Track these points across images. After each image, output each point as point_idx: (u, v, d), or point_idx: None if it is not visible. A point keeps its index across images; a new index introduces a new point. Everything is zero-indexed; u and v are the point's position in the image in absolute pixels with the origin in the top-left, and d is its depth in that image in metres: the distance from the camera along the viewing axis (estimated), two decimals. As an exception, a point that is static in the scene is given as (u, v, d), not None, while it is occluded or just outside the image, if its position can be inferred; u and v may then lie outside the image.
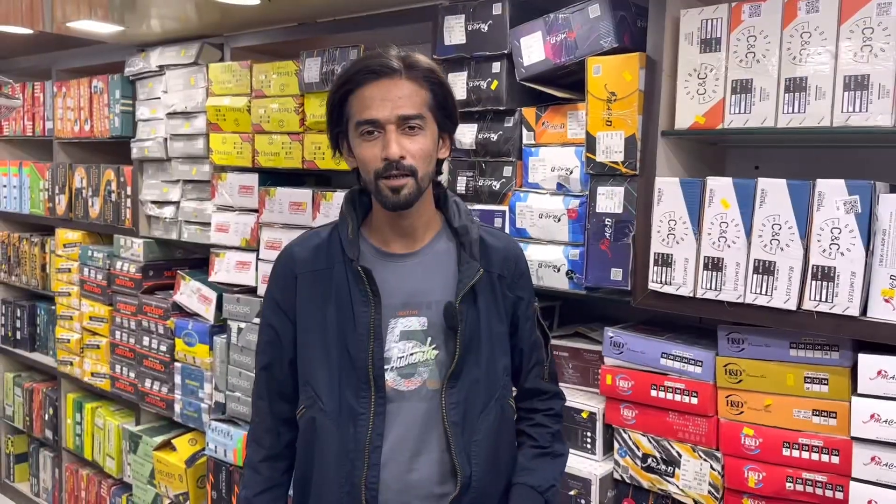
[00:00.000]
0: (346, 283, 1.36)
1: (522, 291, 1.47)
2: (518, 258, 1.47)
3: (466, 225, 1.40)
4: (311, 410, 1.39)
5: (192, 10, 2.37)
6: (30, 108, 3.58)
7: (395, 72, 1.29)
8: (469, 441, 1.36)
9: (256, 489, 1.46)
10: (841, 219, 1.42)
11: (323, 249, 1.41)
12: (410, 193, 1.30)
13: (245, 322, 2.44)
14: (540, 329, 1.49)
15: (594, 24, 1.71)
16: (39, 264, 3.61)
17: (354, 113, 1.30)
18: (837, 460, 1.50)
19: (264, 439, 1.47)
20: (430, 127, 1.32)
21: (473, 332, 1.37)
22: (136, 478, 2.93)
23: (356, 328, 1.34)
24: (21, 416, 3.77)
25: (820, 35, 1.45)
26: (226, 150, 2.50)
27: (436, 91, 1.33)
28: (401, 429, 1.35)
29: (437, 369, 1.36)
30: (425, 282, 1.38)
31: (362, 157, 1.31)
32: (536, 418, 1.50)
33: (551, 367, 1.52)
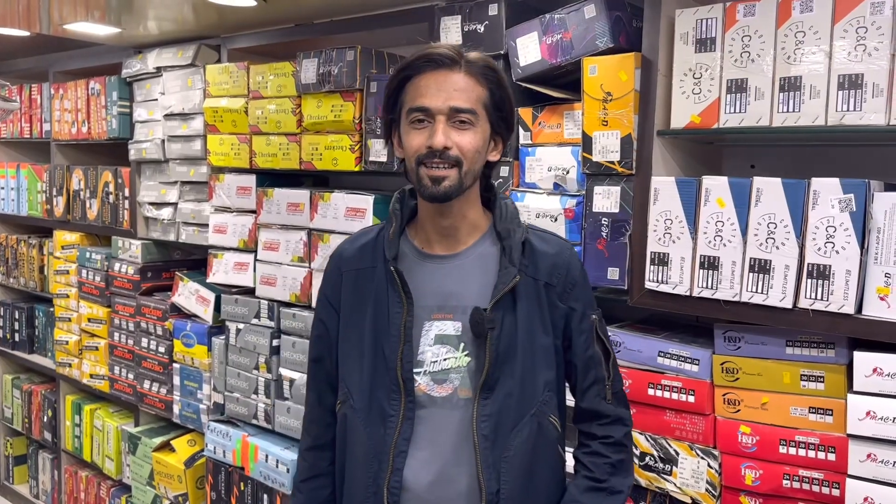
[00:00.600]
0: (385, 283, 1.35)
1: (575, 302, 1.37)
2: (571, 266, 1.38)
3: (509, 228, 1.35)
4: (344, 407, 1.39)
5: (189, 11, 2.37)
6: (27, 109, 3.58)
7: (454, 63, 1.27)
8: (499, 457, 1.30)
9: (302, 476, 1.50)
10: (836, 217, 1.43)
11: (369, 248, 1.40)
12: (451, 186, 1.26)
13: (243, 323, 2.44)
14: (600, 344, 1.38)
15: (590, 24, 1.72)
16: (37, 266, 3.61)
17: (408, 100, 1.29)
18: (834, 457, 1.50)
19: (311, 428, 1.50)
20: (481, 125, 1.29)
21: (509, 342, 1.31)
22: (135, 479, 2.93)
23: (389, 329, 1.33)
24: (20, 418, 3.77)
25: (814, 34, 1.46)
26: (223, 152, 2.50)
27: (493, 90, 1.30)
28: (430, 435, 1.32)
29: (468, 377, 1.32)
30: (462, 285, 1.34)
31: (408, 144, 1.29)
32: (593, 446, 1.38)
33: (615, 388, 1.39)
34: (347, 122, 2.14)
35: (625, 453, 1.39)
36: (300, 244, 2.28)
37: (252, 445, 2.39)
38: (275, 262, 2.36)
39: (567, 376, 1.42)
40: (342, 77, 2.12)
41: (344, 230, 2.16)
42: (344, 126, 2.16)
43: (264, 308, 2.39)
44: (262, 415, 2.39)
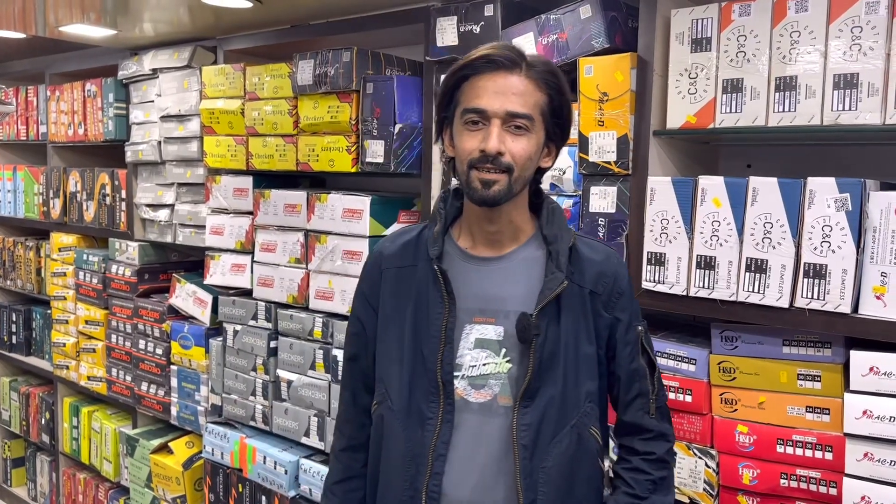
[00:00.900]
0: (426, 283, 1.32)
1: (621, 312, 1.34)
2: (618, 275, 1.35)
3: (557, 233, 1.31)
4: (381, 407, 1.37)
5: (185, 13, 2.37)
6: (24, 112, 3.58)
7: (515, 66, 1.24)
8: (537, 467, 1.27)
9: (335, 477, 1.47)
10: (832, 216, 1.43)
11: (411, 246, 1.38)
12: (500, 191, 1.23)
13: (241, 324, 2.44)
14: (645, 357, 1.35)
15: (585, 24, 1.72)
16: (35, 268, 3.61)
17: (463, 100, 1.25)
18: (831, 457, 1.50)
19: (345, 428, 1.48)
20: (537, 131, 1.26)
21: (553, 350, 1.28)
22: (133, 481, 2.93)
23: (430, 330, 1.30)
24: (18, 421, 3.77)
25: (809, 34, 1.46)
26: (220, 153, 2.50)
27: (553, 96, 1.26)
28: (468, 441, 1.29)
29: (508, 384, 1.29)
30: (506, 289, 1.31)
31: (461, 145, 1.26)
32: (634, 461, 1.35)
33: (659, 402, 1.36)
34: (344, 123, 2.14)
35: (667, 470, 1.36)
36: (297, 245, 2.28)
37: (250, 447, 2.39)
38: (272, 263, 2.36)
39: (609, 388, 1.38)
40: (338, 78, 2.12)
41: (341, 231, 2.16)
42: (340, 127, 2.16)
43: (261, 310, 2.38)
44: (259, 416, 2.39)
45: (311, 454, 2.31)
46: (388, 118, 2.05)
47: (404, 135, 2.05)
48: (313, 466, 2.23)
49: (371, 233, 2.11)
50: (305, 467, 2.25)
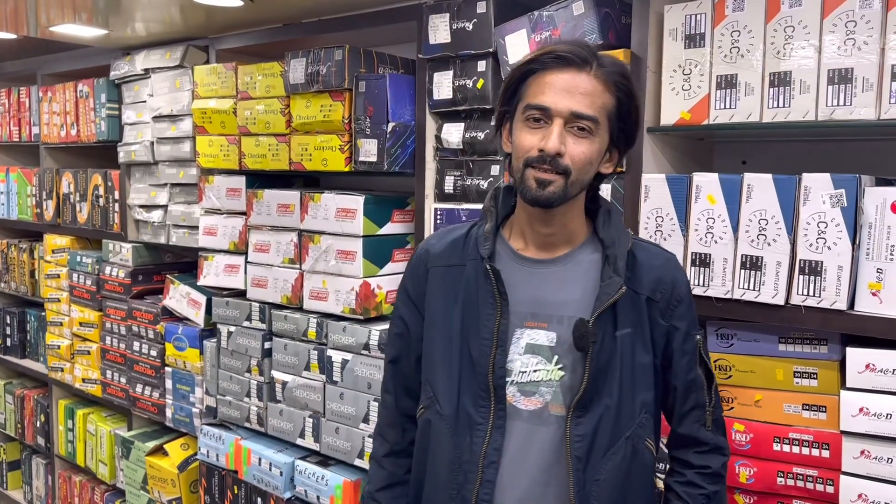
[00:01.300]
0: (476, 283, 1.28)
1: (679, 321, 1.29)
2: (676, 281, 1.29)
3: (614, 236, 1.26)
4: (428, 412, 1.33)
5: (177, 12, 2.36)
6: (16, 113, 3.56)
7: (585, 64, 1.19)
8: (590, 480, 1.23)
9: (378, 484, 1.44)
10: (827, 213, 1.42)
11: (459, 245, 1.34)
12: (555, 193, 1.19)
13: (235, 325, 2.43)
14: (703, 367, 1.30)
15: (578, 21, 1.71)
16: (28, 270, 3.59)
17: (527, 95, 1.21)
18: (828, 454, 1.50)
19: (388, 434, 1.44)
20: (600, 135, 1.21)
21: (608, 358, 1.23)
22: (128, 483, 2.91)
23: (480, 332, 1.26)
24: (13, 424, 3.75)
25: (803, 29, 1.45)
26: (212, 153, 2.49)
27: (622, 100, 1.22)
28: (519, 450, 1.25)
29: (560, 393, 1.24)
30: (559, 293, 1.26)
31: (519, 142, 1.21)
32: (688, 475, 1.32)
33: (716, 414, 1.32)
34: (337, 121, 2.13)
35: (721, 485, 1.33)
36: (291, 245, 2.27)
37: (245, 449, 2.38)
38: (266, 263, 2.35)
39: (664, 398, 1.34)
40: (331, 76, 2.10)
41: (335, 231, 2.15)
42: (333, 126, 2.15)
43: (256, 310, 2.37)
44: (254, 418, 2.38)
45: (306, 455, 2.29)
46: (380, 117, 2.03)
47: (397, 133, 2.03)
48: (309, 468, 2.22)
49: (365, 232, 2.09)
50: (301, 469, 2.24)
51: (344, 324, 2.13)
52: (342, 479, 2.14)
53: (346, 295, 2.12)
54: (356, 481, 2.14)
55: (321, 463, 2.24)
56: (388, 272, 2.16)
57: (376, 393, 2.05)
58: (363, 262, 2.09)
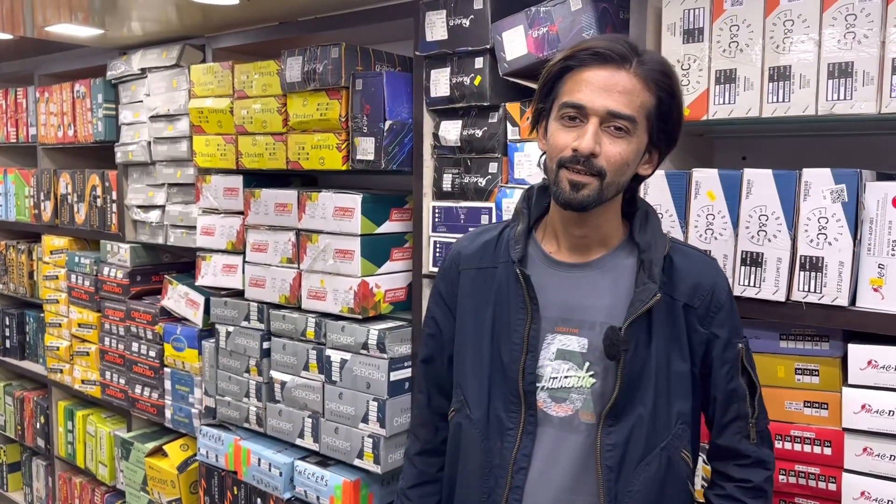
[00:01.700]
0: (507, 286, 1.25)
1: (720, 328, 1.24)
2: (716, 287, 1.25)
3: (651, 240, 1.22)
4: (459, 415, 1.32)
5: (173, 11, 2.35)
6: (13, 114, 3.55)
7: (625, 62, 1.14)
8: (623, 491, 1.20)
9: (410, 482, 1.44)
10: (828, 208, 1.40)
11: (491, 247, 1.31)
12: (589, 196, 1.15)
13: (233, 326, 2.42)
14: (745, 376, 1.26)
15: (576, 16, 1.69)
16: (27, 272, 3.58)
17: (563, 92, 1.17)
18: (830, 452, 1.48)
19: (420, 432, 1.44)
20: (638, 135, 1.17)
21: (641, 366, 1.20)
22: (128, 485, 2.91)
23: (511, 336, 1.24)
24: (13, 425, 3.74)
25: (803, 23, 1.43)
26: (209, 153, 2.47)
27: (663, 99, 1.17)
28: (548, 456, 1.23)
29: (591, 400, 1.21)
30: (592, 298, 1.23)
31: (553, 141, 1.17)
32: (728, 488, 1.27)
33: (760, 425, 1.27)
34: (333, 120, 2.11)
35: (763, 500, 1.27)
36: (289, 245, 2.26)
37: (244, 449, 2.37)
38: (263, 263, 2.34)
39: (704, 408, 1.30)
40: (327, 75, 2.09)
41: (333, 230, 2.14)
42: (330, 125, 2.13)
43: (254, 310, 2.36)
44: (253, 418, 2.37)
45: (305, 456, 2.28)
46: (377, 115, 2.02)
47: (395, 131, 2.02)
48: (308, 468, 2.21)
49: (363, 231, 2.08)
50: (300, 469, 2.23)
51: (342, 323, 2.12)
52: (342, 479, 2.13)
53: (344, 294, 2.11)
54: (356, 481, 2.13)
55: (321, 463, 2.23)
56: (387, 271, 2.15)
57: (375, 393, 2.04)
58: (361, 261, 2.08)
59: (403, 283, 2.20)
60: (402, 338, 2.06)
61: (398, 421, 2.05)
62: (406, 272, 2.19)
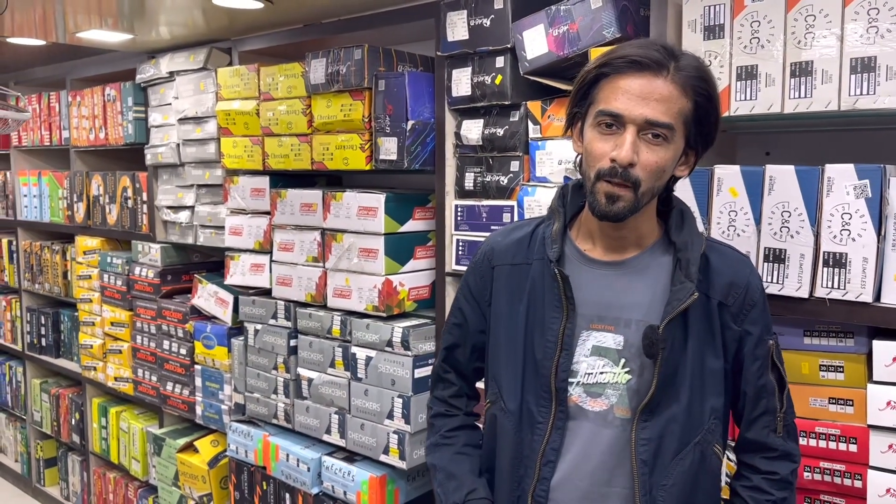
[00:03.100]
0: (542, 284, 1.27)
1: (752, 326, 1.26)
2: (750, 286, 1.26)
3: (687, 240, 1.23)
4: (494, 407, 1.35)
5: (200, 15, 2.39)
6: (46, 117, 3.63)
7: (662, 69, 1.14)
8: (657, 485, 1.22)
9: (451, 426, 1.46)
10: (851, 204, 1.39)
11: (525, 243, 1.33)
12: (625, 207, 1.16)
13: (261, 324, 2.46)
14: (775, 372, 1.27)
15: (596, 14, 1.70)
16: (61, 272, 3.67)
17: (600, 99, 1.17)
18: (855, 449, 1.47)
19: (456, 401, 1.48)
20: (676, 141, 1.17)
21: (677, 364, 1.21)
22: (161, 480, 2.97)
23: (545, 334, 1.26)
24: (49, 422, 3.84)
25: (825, 18, 1.43)
26: (237, 154, 2.52)
27: (700, 104, 1.17)
28: (581, 450, 1.25)
29: (626, 396, 1.23)
30: (628, 296, 1.24)
31: (591, 149, 1.18)
32: (755, 480, 1.29)
33: (787, 420, 1.28)
34: (357, 120, 2.14)
35: (789, 491, 1.29)
36: (314, 244, 2.29)
37: (273, 445, 2.41)
38: (290, 262, 2.37)
39: (733, 403, 1.32)
40: (350, 76, 2.12)
41: (357, 229, 2.16)
42: (354, 125, 2.16)
43: (281, 308, 2.40)
44: (282, 414, 2.41)
45: (332, 451, 2.32)
46: (400, 115, 2.04)
47: (417, 131, 2.04)
48: (335, 464, 2.24)
49: (386, 230, 2.11)
50: (328, 464, 2.27)
51: (367, 321, 2.14)
52: (368, 474, 2.16)
53: (368, 292, 2.14)
54: (382, 477, 2.16)
55: (347, 459, 2.26)
56: (410, 269, 2.17)
57: (400, 389, 2.07)
58: (385, 259, 2.10)
59: (427, 282, 2.22)
60: (426, 335, 2.08)
61: (422, 417, 2.07)
62: (429, 270, 2.21)
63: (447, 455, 1.43)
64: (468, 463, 1.41)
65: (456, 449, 1.43)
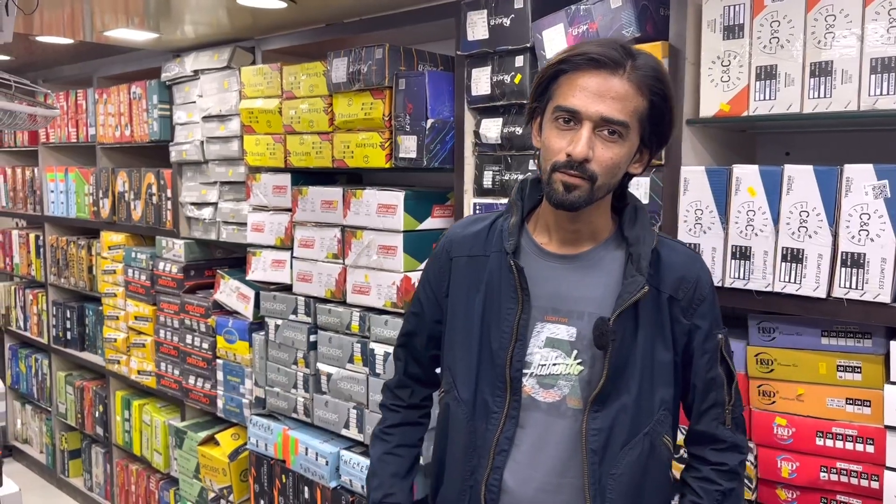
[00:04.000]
0: (499, 276, 1.30)
1: (701, 320, 1.29)
2: (700, 280, 1.30)
3: (639, 235, 1.26)
4: (447, 396, 1.38)
5: (224, 15, 2.42)
6: (73, 115, 3.70)
7: (619, 67, 1.17)
8: (606, 474, 1.25)
9: (391, 422, 1.53)
10: (870, 204, 1.39)
11: (483, 236, 1.36)
12: (581, 197, 1.19)
13: (282, 319, 2.49)
14: (724, 366, 1.31)
15: (616, 14, 1.70)
16: (86, 266, 3.73)
17: (558, 95, 1.20)
18: (872, 449, 1.47)
19: (398, 392, 1.55)
20: (631, 138, 1.20)
21: (627, 356, 1.25)
22: (182, 472, 3.01)
23: (500, 324, 1.29)
24: (73, 414, 3.91)
25: (845, 18, 1.42)
26: (259, 152, 2.55)
27: (656, 103, 1.20)
28: (534, 440, 1.28)
29: (578, 387, 1.26)
30: (581, 289, 1.27)
31: (548, 143, 1.21)
32: (704, 471, 1.32)
33: (735, 412, 1.32)
34: (377, 119, 2.16)
35: (737, 482, 1.33)
36: (334, 241, 2.32)
37: (292, 439, 2.44)
38: (310, 259, 2.40)
39: (683, 395, 1.35)
40: (371, 75, 2.14)
41: (376, 227, 2.19)
42: (374, 124, 2.19)
43: (301, 304, 2.43)
44: (301, 409, 2.44)
45: (351, 446, 2.34)
46: (420, 113, 2.06)
47: (436, 129, 2.06)
48: (354, 458, 2.27)
49: (405, 227, 2.13)
50: (346, 458, 2.29)
51: (386, 317, 2.17)
52: (385, 469, 2.18)
53: (387, 289, 2.16)
54: (399, 472, 2.18)
55: (365, 453, 2.28)
56: (430, 266, 2.19)
57: (418, 385, 2.09)
58: (404, 256, 2.13)
59: (446, 279, 2.23)
60: (445, 332, 2.10)
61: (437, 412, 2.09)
62: (448, 268, 2.23)
63: (378, 452, 1.52)
64: (394, 465, 1.50)
65: (388, 448, 1.51)
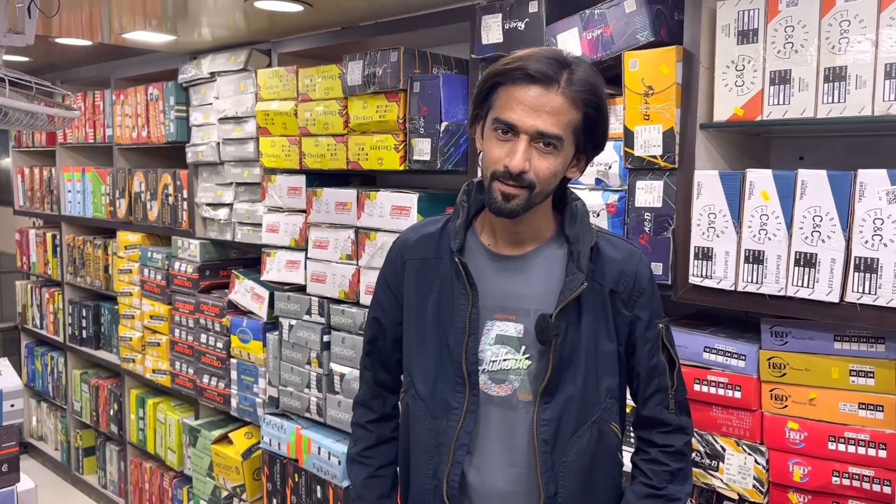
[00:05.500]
0: (451, 275, 1.34)
1: (642, 311, 1.35)
2: (639, 274, 1.35)
3: (579, 233, 1.32)
4: (407, 396, 1.42)
5: (241, 18, 2.45)
6: (91, 116, 3.74)
7: (553, 83, 1.21)
8: (558, 462, 1.30)
9: (367, 444, 1.52)
10: (883, 209, 1.39)
11: (434, 238, 1.40)
12: (519, 205, 1.24)
13: (296, 319, 2.51)
14: (665, 353, 1.36)
15: (630, 18, 1.71)
16: (102, 266, 3.77)
17: (497, 107, 1.24)
18: (885, 454, 1.47)
19: (371, 403, 1.54)
20: (566, 148, 1.24)
21: (572, 349, 1.30)
22: (195, 470, 3.04)
23: (454, 321, 1.33)
24: (88, 412, 3.94)
25: (860, 23, 1.43)
26: (274, 153, 2.57)
27: (590, 115, 1.24)
28: (492, 434, 1.33)
29: (528, 380, 1.31)
30: (526, 287, 1.33)
31: (488, 152, 1.26)
32: (652, 453, 1.38)
33: (678, 396, 1.37)
34: (392, 122, 2.18)
35: (684, 462, 1.38)
36: (348, 242, 2.34)
37: (305, 438, 2.46)
38: (324, 259, 2.42)
39: (629, 383, 1.40)
40: (386, 78, 2.16)
41: (390, 228, 2.20)
42: (388, 126, 2.20)
43: (315, 305, 2.45)
44: (314, 408, 2.46)
45: (363, 446, 2.36)
46: (434, 116, 2.08)
47: (450, 132, 2.08)
48: (365, 458, 2.28)
49: (419, 229, 2.14)
50: (358, 459, 2.31)
51: (399, 318, 2.18)
52: (398, 469, 2.19)
53: (401, 290, 2.17)
54: (411, 472, 2.19)
55: (377, 453, 2.29)
56: (443, 268, 2.20)
57: (430, 386, 2.10)
58: (418, 258, 2.14)
59: (459, 281, 2.24)
60: (457, 333, 2.11)
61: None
62: (461, 269, 2.24)
63: (361, 477, 1.52)
64: (379, 487, 1.51)
65: (370, 472, 1.52)
